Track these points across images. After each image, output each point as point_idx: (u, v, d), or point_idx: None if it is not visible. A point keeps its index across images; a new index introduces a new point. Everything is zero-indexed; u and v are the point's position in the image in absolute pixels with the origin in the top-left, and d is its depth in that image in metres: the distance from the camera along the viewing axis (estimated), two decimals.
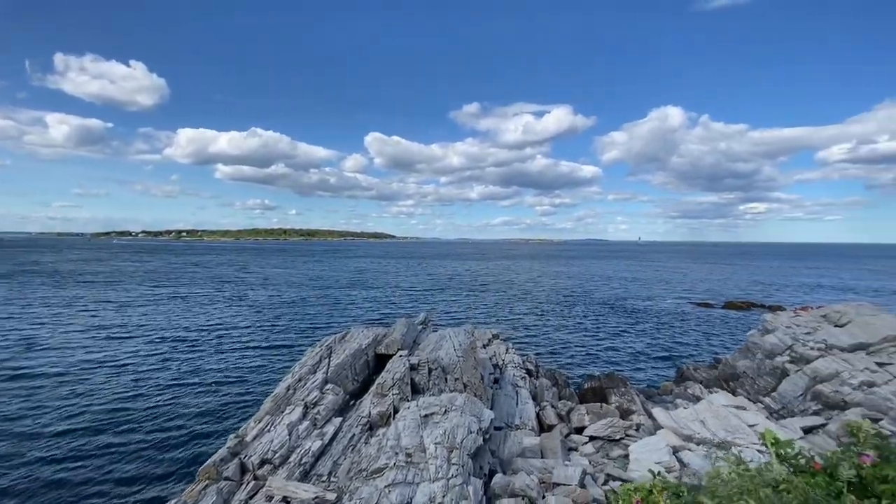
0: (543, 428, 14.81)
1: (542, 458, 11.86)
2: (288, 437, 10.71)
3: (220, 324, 35.48)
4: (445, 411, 10.55)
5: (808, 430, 13.94)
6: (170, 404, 18.86)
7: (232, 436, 11.16)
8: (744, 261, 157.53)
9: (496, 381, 16.93)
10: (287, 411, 11.68)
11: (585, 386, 19.61)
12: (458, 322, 38.66)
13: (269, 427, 11.27)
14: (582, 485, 9.96)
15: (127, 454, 14.76)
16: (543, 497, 9.37)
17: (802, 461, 2.76)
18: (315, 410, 11.84)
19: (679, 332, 36.61)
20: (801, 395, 16.23)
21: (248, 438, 10.93)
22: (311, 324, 37.27)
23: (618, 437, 13.88)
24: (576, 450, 13.51)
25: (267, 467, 9.85)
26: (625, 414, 15.77)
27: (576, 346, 31.91)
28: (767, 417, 14.79)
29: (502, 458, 11.72)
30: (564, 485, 9.87)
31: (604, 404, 16.69)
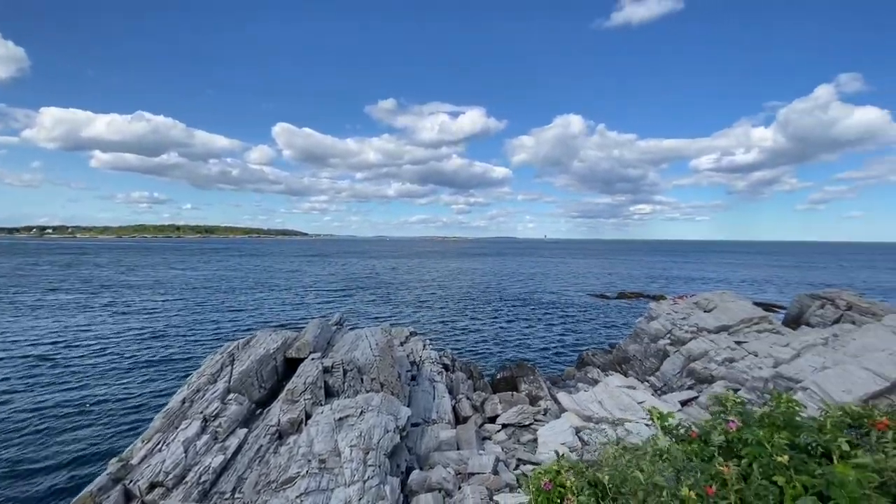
0: (459, 420, 15.17)
1: (458, 449, 12.12)
2: (184, 454, 9.68)
3: (101, 336, 30.86)
4: (361, 412, 10.30)
5: (684, 403, 15.99)
6: (33, 437, 15.69)
7: (114, 460, 9.79)
8: (633, 256, 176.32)
9: (413, 377, 16.95)
10: (182, 427, 10.55)
11: (498, 376, 20.46)
12: (376, 321, 38.09)
13: (160, 446, 10.08)
14: (495, 472, 10.36)
15: None
16: (459, 488, 9.58)
17: (682, 431, 3.11)
18: (216, 423, 10.84)
19: (580, 322, 39.83)
20: (679, 372, 18.57)
21: (135, 461, 9.68)
22: (212, 331, 34.06)
23: (527, 423, 14.69)
24: (489, 438, 14.04)
25: (158, 491, 8.82)
26: (533, 400, 16.74)
27: (490, 338, 33.17)
28: (653, 394, 16.68)
29: (419, 453, 11.77)
30: (479, 473, 10.20)
31: (515, 392, 17.57)
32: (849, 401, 10.89)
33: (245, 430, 10.99)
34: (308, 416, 10.97)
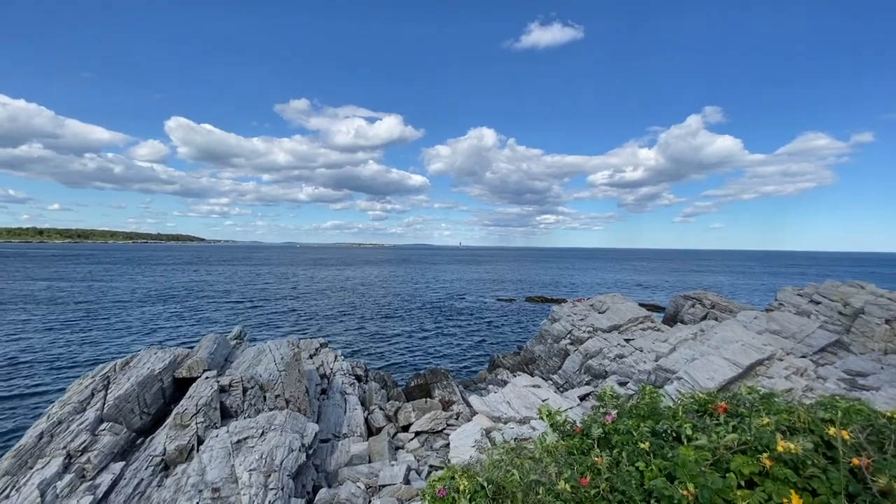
0: (372, 432, 14.84)
1: (369, 462, 11.84)
2: (39, 498, 8.21)
3: None
4: (263, 433, 9.61)
5: (582, 398, 17.33)
6: None
7: None
8: (539, 263, 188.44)
9: (324, 391, 16.26)
10: (38, 466, 8.95)
11: (412, 384, 20.41)
12: (284, 335, 35.96)
13: (7, 491, 8.45)
14: (407, 481, 10.28)
15: None
16: (370, 502, 9.35)
17: (568, 426, 3.35)
18: (84, 458, 9.37)
19: (492, 326, 41.41)
20: (578, 369, 20.10)
21: None
22: (87, 355, 29.29)
23: (440, 429, 14.83)
24: (402, 448, 13.91)
25: None
26: (446, 405, 16.96)
27: (405, 346, 33.03)
28: (556, 391, 17.83)
29: (329, 470, 11.28)
30: (390, 485, 10.04)
31: (428, 399, 17.64)
32: (712, 386, 12.66)
33: (122, 463, 9.65)
34: (201, 442, 9.96)
